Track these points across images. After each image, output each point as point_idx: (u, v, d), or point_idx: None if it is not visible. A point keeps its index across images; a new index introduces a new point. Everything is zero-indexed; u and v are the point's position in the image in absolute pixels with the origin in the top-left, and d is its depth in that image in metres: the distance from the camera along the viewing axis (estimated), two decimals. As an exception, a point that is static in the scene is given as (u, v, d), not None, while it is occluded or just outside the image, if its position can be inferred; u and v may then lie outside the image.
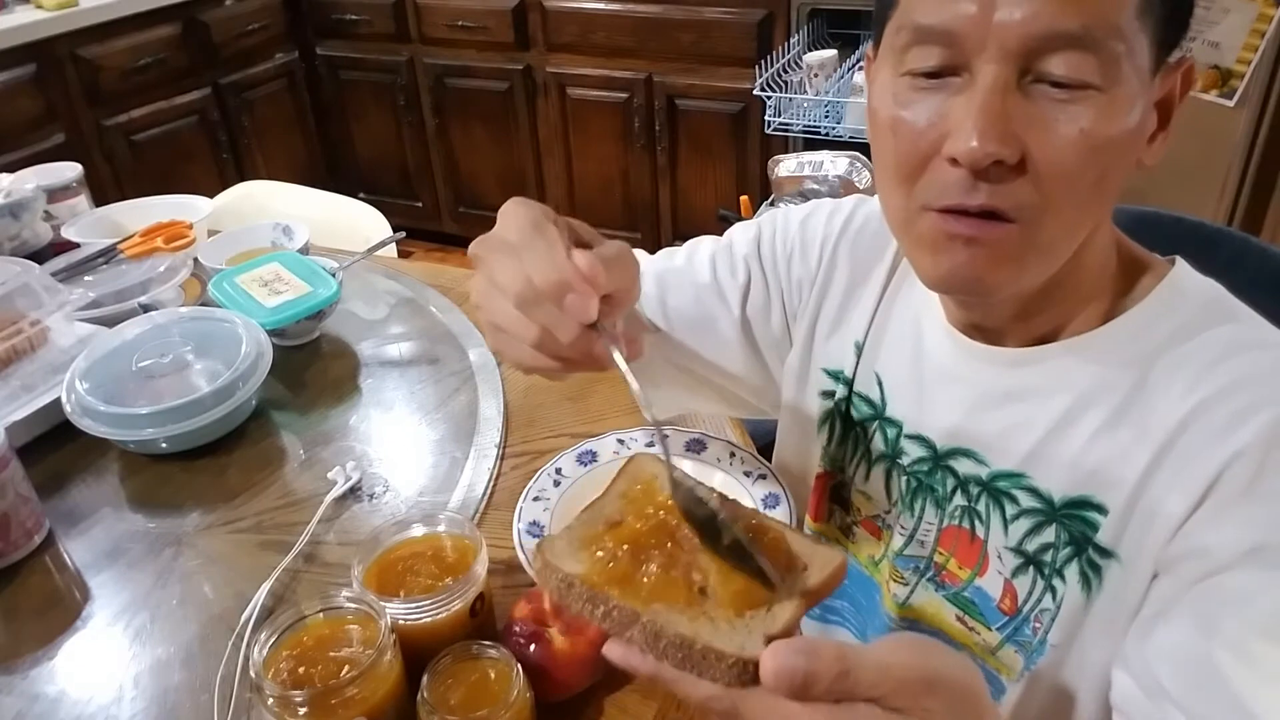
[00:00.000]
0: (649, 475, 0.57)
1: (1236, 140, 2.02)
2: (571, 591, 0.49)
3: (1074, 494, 0.63)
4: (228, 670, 0.72)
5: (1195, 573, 0.55)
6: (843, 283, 0.78)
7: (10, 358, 1.03)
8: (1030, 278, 0.59)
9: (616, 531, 0.52)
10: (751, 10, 2.54)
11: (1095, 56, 0.52)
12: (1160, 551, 0.58)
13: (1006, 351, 0.66)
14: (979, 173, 0.54)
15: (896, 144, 0.58)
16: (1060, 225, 0.56)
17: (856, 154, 2.10)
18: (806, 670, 0.39)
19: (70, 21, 2.51)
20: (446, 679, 0.62)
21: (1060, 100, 0.53)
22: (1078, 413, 0.63)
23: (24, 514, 0.85)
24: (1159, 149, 0.59)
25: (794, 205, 0.84)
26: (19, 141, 2.43)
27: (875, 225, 0.78)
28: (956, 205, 0.55)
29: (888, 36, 0.59)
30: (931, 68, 0.55)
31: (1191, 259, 0.66)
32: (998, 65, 0.52)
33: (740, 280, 0.81)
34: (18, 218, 1.27)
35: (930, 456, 0.71)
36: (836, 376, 0.78)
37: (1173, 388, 0.59)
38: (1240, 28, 1.92)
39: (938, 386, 0.71)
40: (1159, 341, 0.61)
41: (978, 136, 0.52)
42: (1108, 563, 0.62)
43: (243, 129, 3.04)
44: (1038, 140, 0.53)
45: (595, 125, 2.92)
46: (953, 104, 0.55)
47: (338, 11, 3.14)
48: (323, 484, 0.91)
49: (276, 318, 1.08)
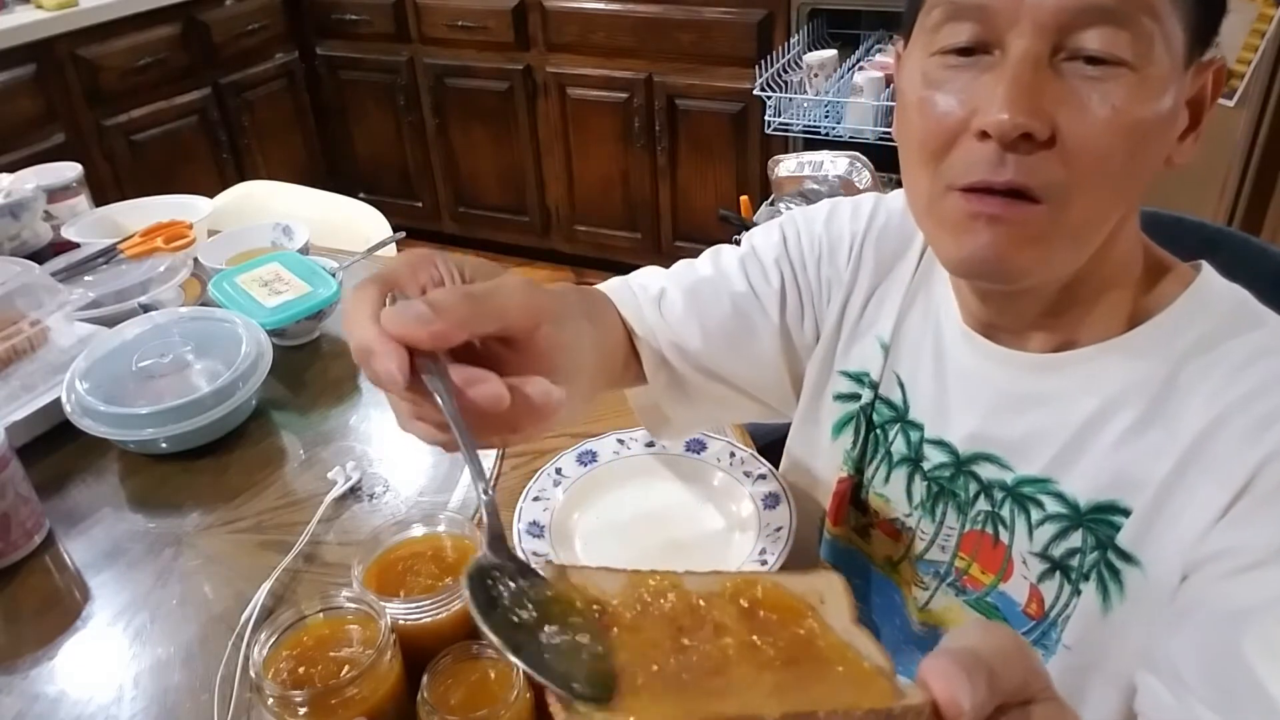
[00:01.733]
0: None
1: (1236, 140, 2.02)
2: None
3: (1100, 499, 0.62)
4: (228, 670, 0.72)
5: (1224, 571, 0.55)
6: (867, 282, 0.77)
7: (10, 358, 1.03)
8: (1056, 264, 0.58)
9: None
10: (751, 10, 2.54)
11: (1128, 32, 0.52)
12: (1189, 553, 0.58)
13: (1032, 356, 0.65)
14: (1008, 146, 0.53)
15: (924, 122, 0.57)
16: (1088, 208, 0.55)
17: (856, 154, 2.10)
18: (973, 686, 0.34)
19: (70, 21, 2.51)
20: (446, 679, 0.62)
21: (1092, 78, 0.52)
22: (1105, 417, 0.62)
23: (24, 514, 0.85)
24: (1189, 149, 0.59)
25: (806, 207, 0.82)
26: (19, 141, 2.43)
27: (897, 222, 0.77)
28: (982, 182, 0.55)
29: (920, 19, 0.59)
30: (963, 44, 0.55)
31: (1192, 259, 0.66)
32: (1030, 40, 0.52)
33: (775, 286, 0.79)
34: (18, 218, 1.27)
35: (952, 462, 0.70)
36: (860, 379, 0.77)
37: (1201, 391, 0.59)
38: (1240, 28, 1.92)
39: (959, 389, 0.70)
40: (1187, 346, 0.60)
41: (1008, 108, 0.52)
42: (1128, 568, 0.61)
43: (243, 129, 3.04)
44: (1069, 118, 0.53)
45: (595, 125, 2.92)
46: (983, 80, 0.54)
47: (338, 11, 3.14)
48: (323, 484, 0.91)
49: (276, 318, 1.08)
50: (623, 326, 0.77)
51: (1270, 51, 1.91)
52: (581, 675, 0.36)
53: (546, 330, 0.50)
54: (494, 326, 0.48)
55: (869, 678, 0.36)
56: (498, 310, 0.48)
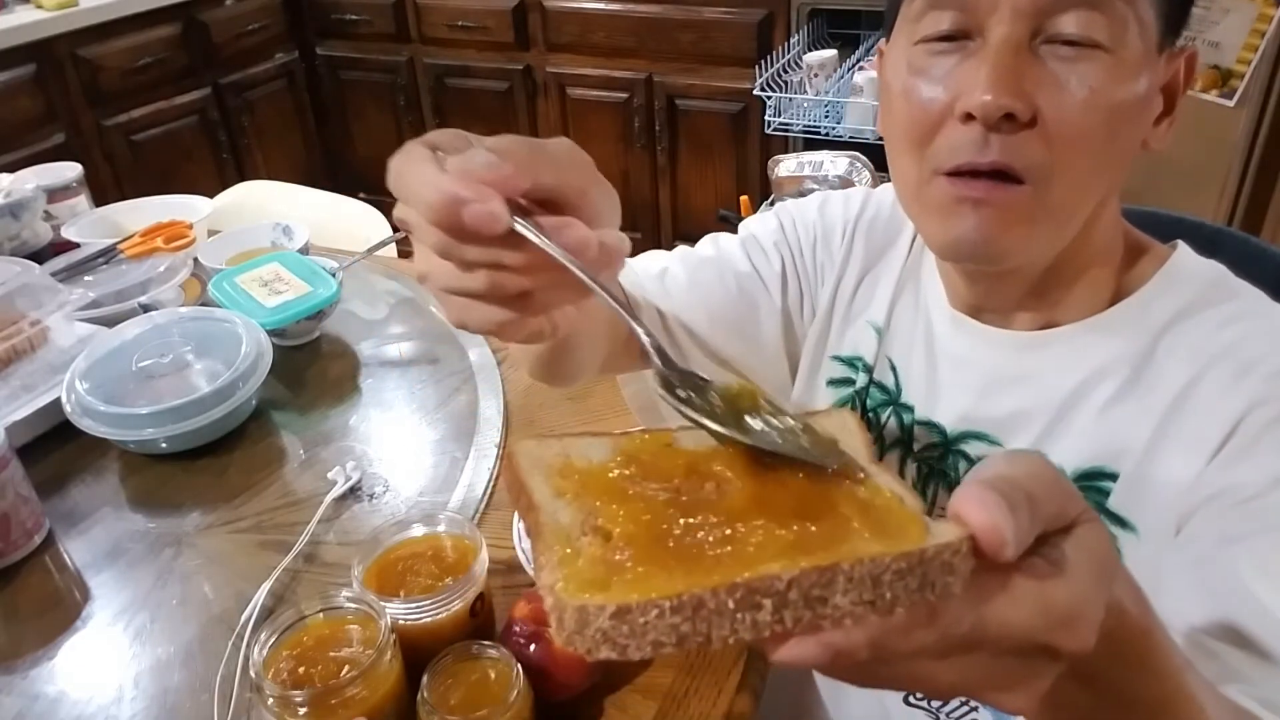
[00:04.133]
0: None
1: (1236, 140, 2.02)
2: (633, 621, 0.29)
3: (1086, 466, 0.63)
4: (228, 670, 0.72)
5: (1215, 511, 0.56)
6: (858, 267, 0.78)
7: (10, 358, 1.03)
8: (1040, 244, 0.60)
9: (605, 509, 0.34)
10: (751, 10, 2.54)
11: (1104, 16, 0.54)
12: (1179, 505, 0.58)
13: (1017, 335, 0.67)
14: (991, 127, 0.55)
15: (909, 109, 0.59)
16: (1070, 187, 0.57)
17: (856, 154, 2.10)
18: (1014, 513, 0.31)
19: (70, 21, 2.50)
20: (446, 679, 0.62)
21: (1069, 59, 0.55)
22: (1087, 390, 0.64)
23: (24, 514, 0.85)
24: (1165, 134, 0.61)
25: (799, 199, 0.84)
26: (19, 141, 2.43)
27: (887, 213, 0.79)
28: (968, 164, 0.57)
29: (902, 10, 0.61)
30: (945, 31, 0.57)
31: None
32: (1010, 25, 0.54)
33: (776, 268, 0.80)
34: (18, 218, 1.27)
35: (941, 442, 0.72)
36: (853, 364, 0.78)
37: (1178, 354, 0.61)
38: (1240, 28, 1.91)
39: (948, 371, 0.71)
40: (1166, 318, 0.62)
41: (991, 89, 0.54)
42: (1123, 534, 0.62)
43: (243, 129, 3.04)
44: (1049, 99, 0.55)
45: (595, 125, 2.92)
46: (965, 66, 0.56)
47: (338, 11, 3.14)
48: (323, 484, 0.91)
49: (276, 318, 1.08)
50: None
51: (1270, 51, 1.91)
52: (809, 444, 0.36)
53: (594, 194, 0.46)
54: (552, 176, 0.44)
55: (895, 519, 0.33)
56: (555, 160, 0.45)
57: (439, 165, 0.42)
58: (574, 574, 0.31)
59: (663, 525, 0.33)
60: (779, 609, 0.29)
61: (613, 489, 0.35)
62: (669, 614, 0.29)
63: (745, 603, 0.29)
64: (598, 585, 0.30)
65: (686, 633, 0.29)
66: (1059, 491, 0.33)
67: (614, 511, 0.33)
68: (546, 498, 0.34)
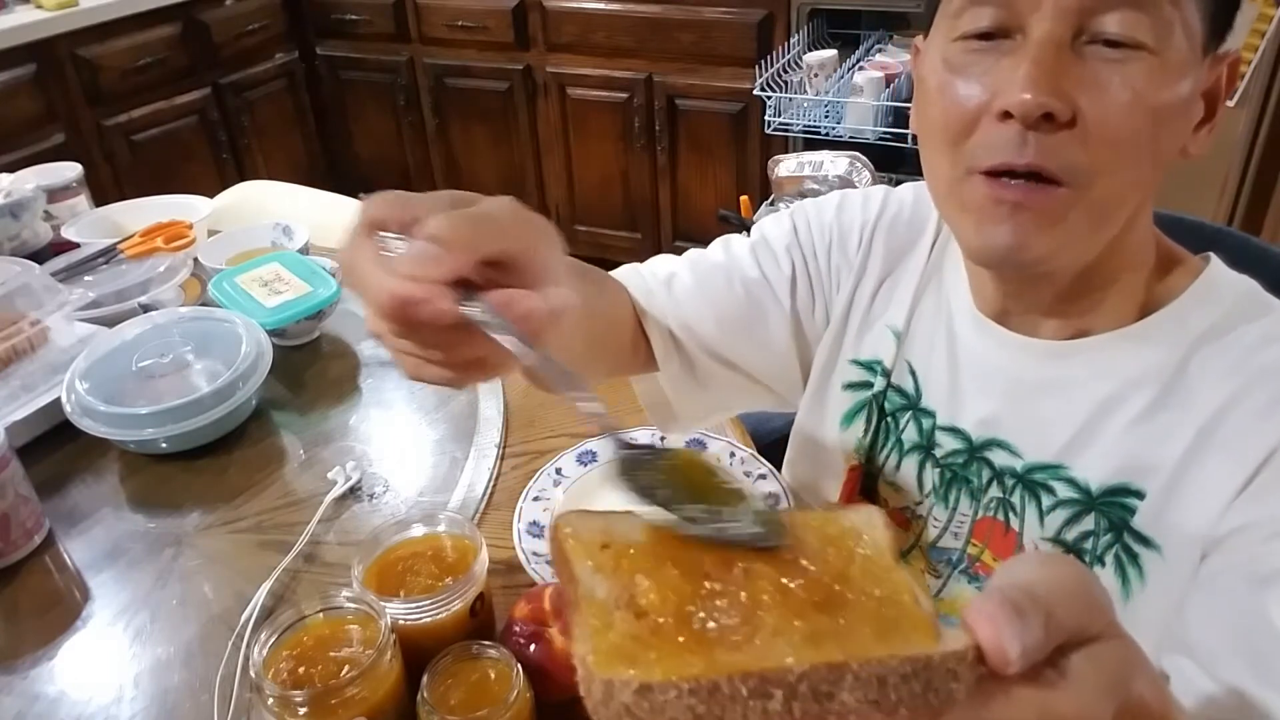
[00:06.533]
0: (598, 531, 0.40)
1: (1236, 140, 2.02)
2: (654, 699, 0.31)
3: (1112, 482, 0.63)
4: (228, 670, 0.72)
5: (1246, 543, 0.55)
6: (877, 270, 0.77)
7: (10, 358, 1.03)
8: (1075, 249, 0.58)
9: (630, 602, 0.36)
10: (751, 10, 2.54)
11: (1149, 16, 0.52)
12: (1208, 532, 0.58)
13: (1045, 343, 0.66)
14: (1030, 126, 0.53)
15: (945, 105, 0.58)
16: (1107, 191, 0.56)
17: (856, 154, 2.10)
18: (1025, 629, 0.31)
19: (70, 21, 2.50)
20: (446, 679, 0.62)
21: (1113, 60, 0.53)
22: (1117, 402, 0.63)
23: (24, 514, 0.85)
24: (1205, 140, 0.60)
25: (816, 198, 0.83)
26: (19, 141, 2.43)
27: (908, 214, 0.77)
28: (1004, 164, 0.55)
29: (941, 6, 0.59)
30: (985, 28, 0.56)
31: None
32: (1052, 23, 0.53)
33: (786, 273, 0.79)
34: (18, 218, 1.27)
35: (965, 449, 0.71)
36: (871, 368, 0.77)
37: (1212, 374, 0.60)
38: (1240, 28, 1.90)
39: (972, 376, 0.70)
40: (1198, 333, 0.61)
41: (1030, 87, 0.52)
42: (1147, 552, 0.61)
43: (242, 129, 3.04)
44: (1090, 100, 0.53)
45: (595, 125, 2.92)
46: (1004, 64, 0.55)
47: (338, 11, 3.14)
48: (323, 484, 0.91)
49: (276, 318, 1.08)
50: (631, 307, 0.77)
51: (1270, 51, 1.91)
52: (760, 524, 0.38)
53: (539, 249, 0.47)
54: (497, 245, 0.45)
55: (909, 622, 0.34)
56: (497, 229, 0.45)
57: (385, 267, 0.44)
58: (604, 647, 0.33)
59: (689, 607, 0.35)
60: (789, 700, 0.31)
61: (646, 569, 0.37)
62: (686, 695, 0.31)
63: (758, 691, 0.31)
64: (625, 660, 0.33)
65: (702, 714, 0.31)
66: (1083, 606, 0.34)
67: (646, 590, 0.36)
68: (586, 571, 0.37)
